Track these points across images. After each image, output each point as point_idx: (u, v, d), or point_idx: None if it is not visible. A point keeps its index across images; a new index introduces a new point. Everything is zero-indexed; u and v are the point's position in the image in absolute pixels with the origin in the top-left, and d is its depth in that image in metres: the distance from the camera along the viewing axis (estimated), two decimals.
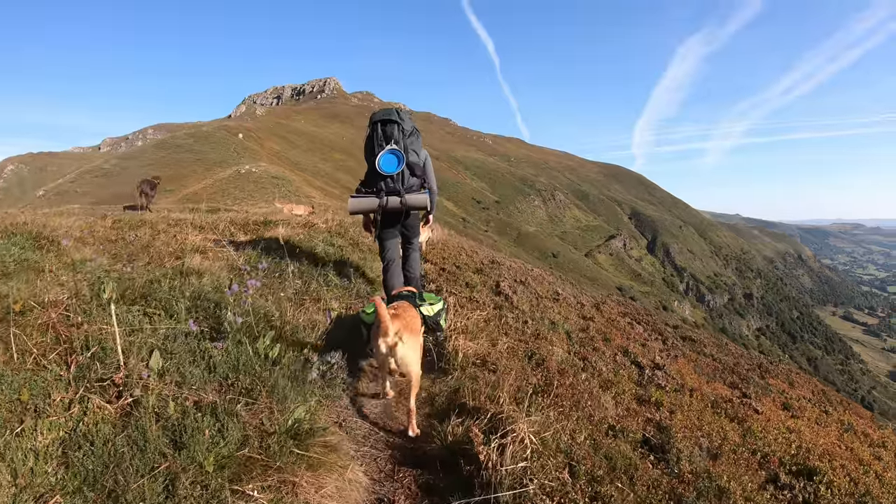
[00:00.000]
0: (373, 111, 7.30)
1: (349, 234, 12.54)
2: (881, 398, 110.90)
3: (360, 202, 7.07)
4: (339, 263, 8.90)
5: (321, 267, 8.15)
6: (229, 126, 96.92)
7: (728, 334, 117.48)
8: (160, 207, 19.10)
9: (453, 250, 14.14)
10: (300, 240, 10.10)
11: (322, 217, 15.57)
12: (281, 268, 7.65)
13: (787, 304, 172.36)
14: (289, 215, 17.52)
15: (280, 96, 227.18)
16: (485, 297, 9.22)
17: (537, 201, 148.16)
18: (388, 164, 6.93)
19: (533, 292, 11.42)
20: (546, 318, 9.19)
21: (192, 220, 11.85)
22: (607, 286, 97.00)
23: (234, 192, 42.97)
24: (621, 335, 10.58)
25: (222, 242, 9.12)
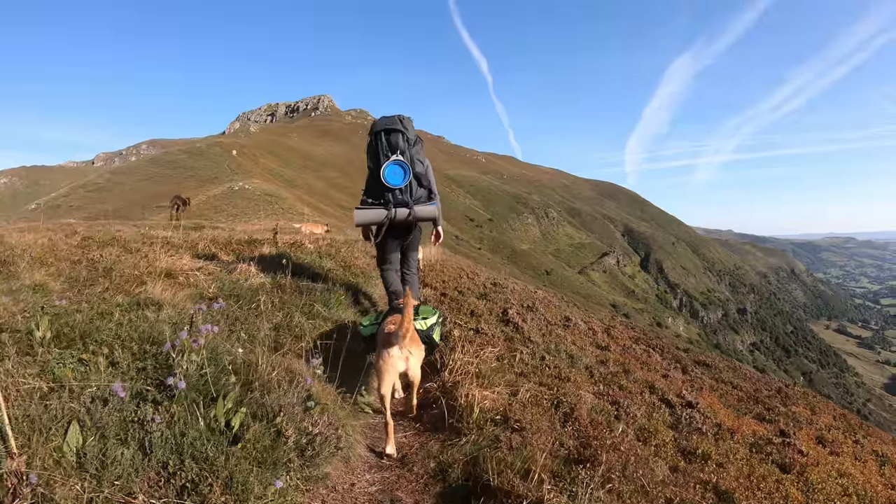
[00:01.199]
0: (374, 120, 7.02)
1: (340, 254, 11.60)
2: (876, 411, 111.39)
3: (367, 214, 6.81)
4: (328, 290, 7.93)
5: (306, 294, 7.26)
6: (223, 143, 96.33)
7: (722, 350, 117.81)
8: (147, 223, 18.22)
9: (453, 272, 13.23)
10: (285, 262, 9.02)
11: (311, 236, 14.57)
12: (259, 296, 6.68)
13: (780, 318, 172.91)
14: (306, 234, 16.95)
15: (274, 113, 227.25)
16: (493, 327, 8.25)
17: (530, 219, 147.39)
18: (393, 176, 6.73)
19: (542, 318, 10.49)
20: (562, 351, 8.20)
21: (170, 237, 10.92)
22: (601, 303, 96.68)
23: (226, 209, 42.84)
24: (640, 365, 9.67)
25: (198, 264, 8.27)
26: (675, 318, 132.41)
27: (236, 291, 6.74)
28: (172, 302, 5.81)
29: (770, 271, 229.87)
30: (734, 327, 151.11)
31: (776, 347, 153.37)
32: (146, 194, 61.64)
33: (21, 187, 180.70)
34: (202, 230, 15.83)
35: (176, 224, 18.41)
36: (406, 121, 6.92)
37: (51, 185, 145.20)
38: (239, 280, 7.43)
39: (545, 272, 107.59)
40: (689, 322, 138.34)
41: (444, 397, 5.32)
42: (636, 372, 8.61)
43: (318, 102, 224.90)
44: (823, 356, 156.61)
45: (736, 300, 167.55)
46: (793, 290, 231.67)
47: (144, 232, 11.84)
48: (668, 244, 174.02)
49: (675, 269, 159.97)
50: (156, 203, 55.13)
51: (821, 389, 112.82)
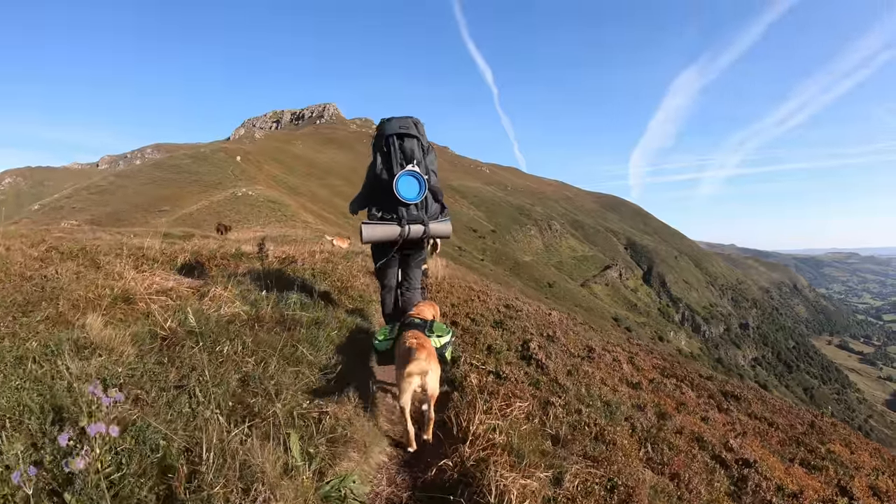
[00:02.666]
0: (383, 119, 6.26)
1: (336, 272, 10.47)
2: (878, 427, 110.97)
3: (376, 231, 6.10)
4: (317, 323, 6.74)
5: (289, 329, 6.05)
6: (228, 148, 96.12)
7: (724, 365, 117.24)
8: (132, 230, 17.12)
9: (462, 292, 12.23)
10: (270, 282, 7.82)
11: (303, 250, 13.36)
12: (228, 334, 5.46)
13: (782, 333, 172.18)
14: (332, 248, 16.03)
15: (279, 120, 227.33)
16: (516, 369, 7.00)
17: (533, 231, 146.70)
18: (407, 188, 6.03)
19: (564, 350, 9.43)
20: (596, 396, 6.99)
21: (148, 249, 9.56)
22: (603, 316, 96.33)
23: (229, 215, 42.63)
24: (675, 406, 8.67)
25: (169, 283, 6.94)
26: (677, 333, 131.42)
27: (201, 326, 5.38)
28: (111, 345, 4.50)
29: (772, 286, 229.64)
30: (736, 342, 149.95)
31: (778, 363, 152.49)
32: (149, 198, 61.81)
33: (25, 187, 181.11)
34: (191, 239, 14.71)
35: (164, 233, 17.30)
36: (420, 125, 6.21)
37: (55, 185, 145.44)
38: (209, 309, 6.14)
39: (548, 284, 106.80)
40: (691, 336, 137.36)
41: (466, 487, 3.85)
42: (675, 417, 7.61)
43: (324, 110, 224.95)
44: (825, 372, 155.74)
45: (738, 315, 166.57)
46: (795, 305, 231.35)
47: (126, 241, 10.50)
48: (670, 258, 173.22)
49: (678, 282, 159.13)
50: (158, 207, 54.85)
51: (822, 405, 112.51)
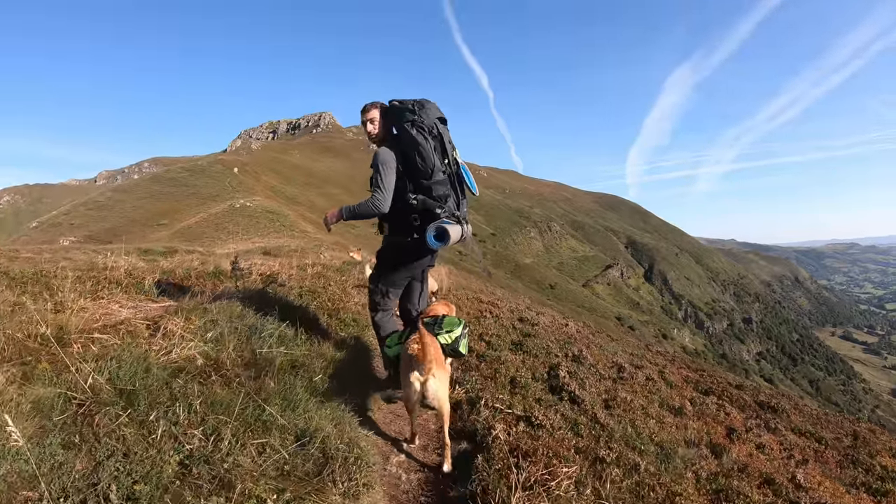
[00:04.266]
0: (409, 103, 5.33)
1: (328, 291, 9.29)
2: (885, 417, 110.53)
3: (454, 232, 5.15)
4: (297, 365, 5.55)
5: (257, 377, 4.81)
6: (225, 160, 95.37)
7: (728, 360, 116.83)
8: (116, 248, 16.30)
9: (470, 305, 11.32)
10: (245, 308, 6.51)
11: (293, 264, 12.30)
12: (173, 389, 4.17)
13: (786, 326, 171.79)
14: (328, 261, 14.78)
15: (275, 131, 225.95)
16: (550, 414, 5.56)
17: (533, 233, 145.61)
18: (472, 181, 5.64)
19: (594, 371, 8.44)
20: (647, 439, 5.94)
21: (112, 266, 8.44)
22: (606, 316, 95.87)
23: (227, 227, 42.35)
24: (726, 433, 7.73)
25: (123, 314, 5.76)
26: (681, 330, 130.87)
27: (136, 382, 4.08)
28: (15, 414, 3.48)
29: (774, 279, 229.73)
30: (740, 337, 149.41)
31: (782, 356, 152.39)
32: (147, 212, 61.61)
33: (24, 205, 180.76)
34: (174, 255, 13.76)
35: (145, 249, 16.38)
36: None
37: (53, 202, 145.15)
38: (158, 353, 4.80)
39: (549, 286, 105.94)
40: (695, 333, 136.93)
41: None
42: (731, 450, 6.67)
43: (320, 119, 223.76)
44: (830, 363, 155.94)
45: (741, 309, 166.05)
46: (797, 297, 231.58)
47: (99, 260, 9.37)
48: (671, 255, 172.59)
49: (680, 279, 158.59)
50: (157, 221, 54.53)
51: (829, 397, 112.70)
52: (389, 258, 5.67)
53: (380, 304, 5.84)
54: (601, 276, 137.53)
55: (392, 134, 5.41)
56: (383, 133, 5.47)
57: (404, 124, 5.20)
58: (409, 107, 5.22)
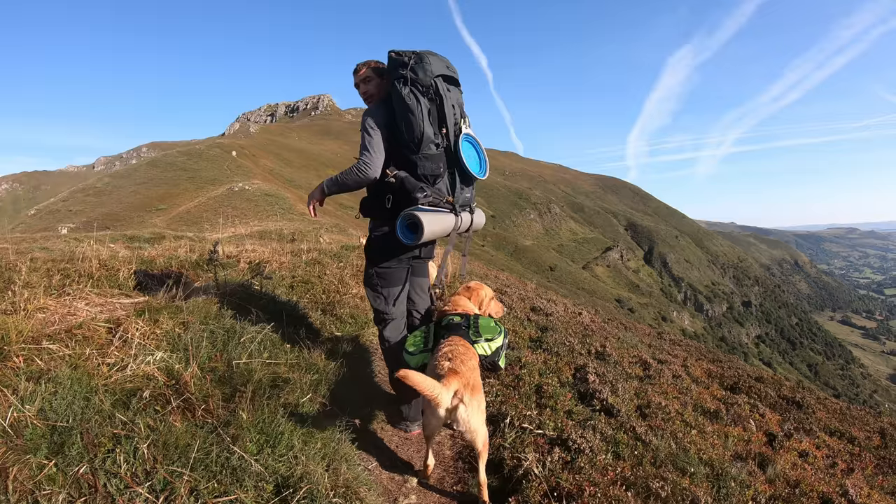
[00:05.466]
0: (407, 54, 4.24)
1: (322, 282, 8.42)
2: (883, 402, 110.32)
3: (435, 222, 4.20)
4: (280, 379, 4.54)
5: (231, 399, 3.90)
6: (223, 144, 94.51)
7: (728, 343, 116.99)
8: (82, 236, 15.25)
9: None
10: (224, 306, 5.62)
11: (286, 249, 11.37)
12: (115, 423, 3.24)
13: (785, 310, 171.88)
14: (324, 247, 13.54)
15: (274, 114, 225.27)
16: (587, 433, 4.70)
17: (533, 215, 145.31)
18: (472, 159, 4.49)
19: (620, 370, 7.70)
20: (695, 458, 5.10)
21: (83, 256, 7.08)
22: (606, 298, 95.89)
23: (226, 210, 41.94)
24: (766, 440, 7.11)
25: (85, 314, 4.80)
26: (680, 312, 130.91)
27: (73, 413, 3.18)
28: None
29: (773, 263, 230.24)
30: (739, 320, 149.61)
31: (781, 340, 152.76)
32: (145, 197, 60.91)
33: (22, 193, 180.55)
34: (161, 242, 12.85)
35: (130, 235, 15.70)
36: None
37: (52, 189, 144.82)
38: (110, 369, 3.89)
39: (549, 268, 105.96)
40: (695, 316, 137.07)
41: None
42: (776, 461, 5.99)
43: (318, 102, 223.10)
44: (829, 348, 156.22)
45: (740, 293, 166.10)
46: (797, 281, 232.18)
47: (77, 250, 8.28)
48: (671, 238, 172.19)
49: (679, 262, 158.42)
50: (155, 206, 54.01)
51: (827, 381, 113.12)
52: (374, 253, 4.70)
53: (386, 314, 4.79)
54: (601, 259, 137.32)
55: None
56: (382, 95, 4.50)
57: (395, 81, 4.19)
58: (404, 59, 4.20)
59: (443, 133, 4.29)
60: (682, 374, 9.39)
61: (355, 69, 4.62)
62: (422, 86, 4.13)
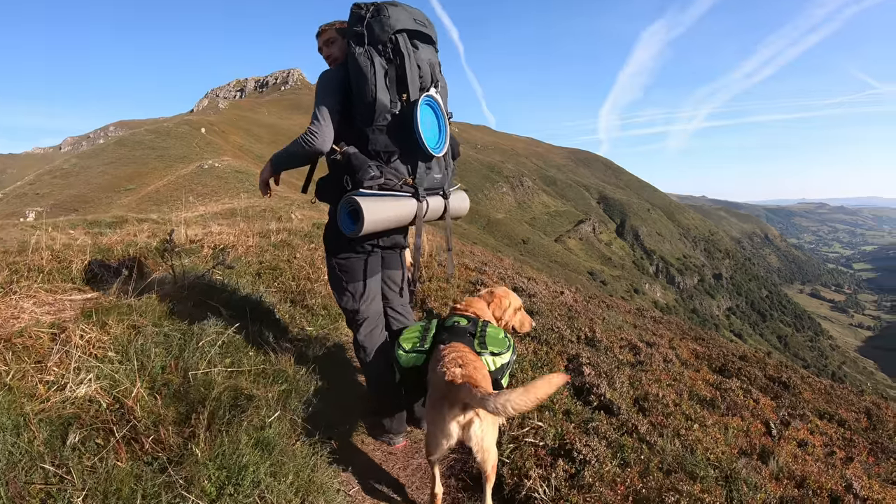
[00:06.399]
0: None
1: (293, 268, 7.86)
2: (851, 373, 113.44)
3: (383, 209, 3.57)
4: (241, 395, 3.87)
5: (195, 419, 3.31)
6: (192, 121, 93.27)
7: (699, 315, 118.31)
8: (73, 221, 14.29)
9: (458, 274, 10.38)
10: (182, 301, 5.05)
11: (253, 230, 10.57)
12: (69, 466, 2.72)
13: (755, 283, 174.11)
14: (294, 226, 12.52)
15: (243, 89, 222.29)
16: (590, 439, 4.07)
17: (505, 188, 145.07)
18: (430, 129, 3.67)
19: (611, 357, 7.49)
20: (702, 459, 4.70)
21: (35, 248, 6.50)
22: (578, 271, 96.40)
23: (196, 189, 41.45)
24: (765, 430, 6.90)
25: (23, 317, 4.23)
26: (652, 284, 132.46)
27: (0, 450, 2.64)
28: None
29: (744, 237, 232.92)
30: (710, 292, 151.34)
31: (752, 312, 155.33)
32: (114, 177, 60.18)
33: None
34: (123, 226, 12.18)
35: (91, 220, 14.79)
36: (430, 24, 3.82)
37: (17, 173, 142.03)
38: (46, 389, 3.25)
39: (522, 241, 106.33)
40: (666, 288, 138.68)
41: None
42: (778, 452, 5.68)
43: (288, 76, 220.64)
44: (798, 320, 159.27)
45: (711, 265, 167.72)
46: (767, 255, 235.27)
47: (30, 238, 7.48)
48: (643, 211, 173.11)
49: (651, 235, 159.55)
50: (124, 186, 53.34)
51: (796, 352, 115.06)
52: (333, 241, 4.06)
53: (356, 312, 4.14)
54: (573, 231, 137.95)
55: None
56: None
57: (349, 40, 3.58)
58: (361, 12, 3.56)
59: (403, 100, 3.61)
60: (672, 357, 9.21)
61: (318, 31, 4.03)
62: (378, 43, 3.50)
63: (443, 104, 3.84)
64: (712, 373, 9.59)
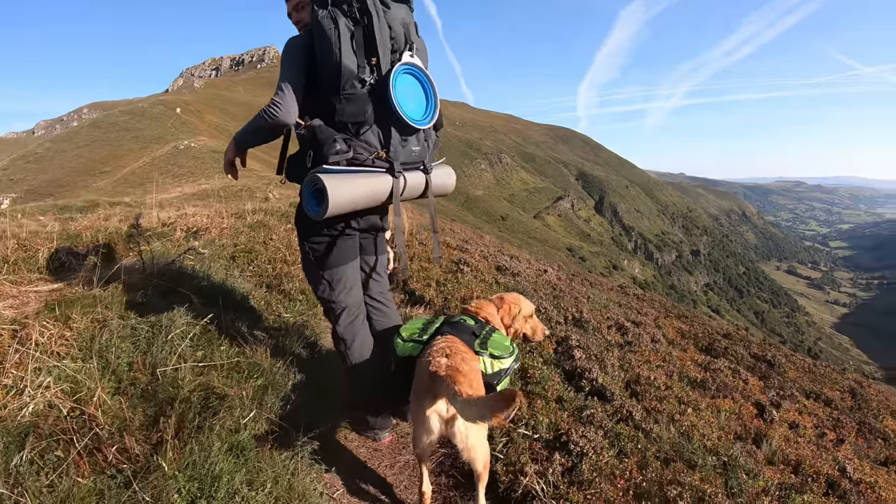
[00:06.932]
0: None
1: (269, 250, 7.57)
2: (827, 349, 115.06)
3: (350, 187, 3.17)
4: (212, 396, 3.56)
5: (163, 422, 3.05)
6: (167, 101, 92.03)
7: (677, 291, 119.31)
8: (44, 207, 13.88)
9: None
10: (152, 290, 4.71)
11: (228, 211, 10.21)
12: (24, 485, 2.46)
13: (733, 259, 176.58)
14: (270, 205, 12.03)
15: (219, 68, 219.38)
16: (587, 430, 3.82)
17: (484, 165, 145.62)
18: (406, 99, 3.29)
19: (600, 338, 7.33)
20: (700, 446, 4.41)
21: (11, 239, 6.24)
22: (557, 247, 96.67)
23: (172, 170, 41.04)
24: (756, 412, 6.83)
25: None
26: (631, 261, 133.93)
27: None
28: None
29: (722, 214, 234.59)
30: (688, 269, 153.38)
31: (729, 288, 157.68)
32: (89, 160, 59.50)
33: None
34: (95, 210, 11.82)
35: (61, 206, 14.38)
36: None
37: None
38: (6, 394, 2.98)
39: (500, 217, 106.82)
40: (644, 264, 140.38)
41: None
42: (771, 436, 5.67)
43: (264, 54, 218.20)
44: (775, 296, 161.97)
45: (689, 242, 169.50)
46: (744, 232, 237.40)
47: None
48: (621, 187, 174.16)
49: (630, 212, 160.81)
50: (99, 169, 52.73)
51: (773, 328, 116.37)
52: (304, 223, 3.74)
53: (333, 303, 3.77)
54: (552, 208, 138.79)
55: None
56: None
57: (314, 2, 3.21)
58: None
59: (372, 64, 3.25)
60: (659, 336, 9.08)
61: None
62: (344, 3, 3.17)
63: (423, 68, 3.46)
64: (699, 352, 9.51)
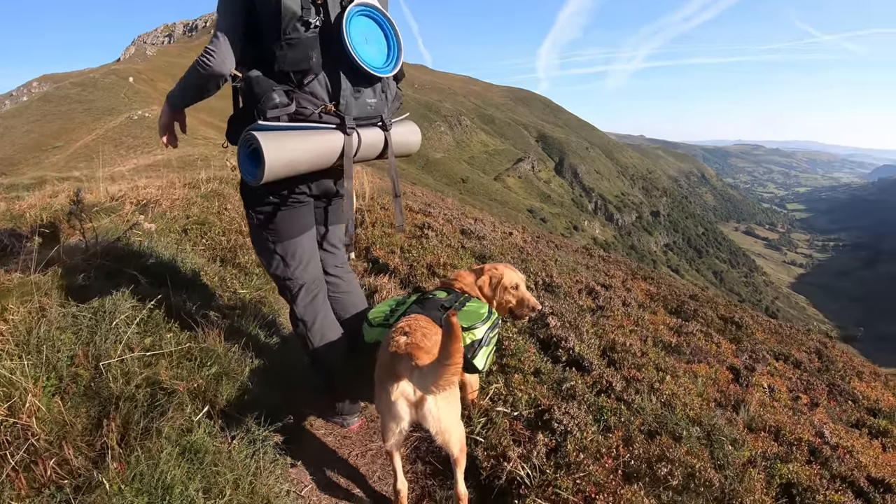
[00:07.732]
0: None
1: (223, 220, 7.20)
2: (784, 308, 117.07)
3: (291, 146, 2.74)
4: (159, 391, 3.21)
5: (109, 420, 2.71)
6: (119, 70, 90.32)
7: (637, 251, 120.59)
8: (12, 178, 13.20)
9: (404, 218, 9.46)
10: (99, 265, 4.41)
11: (181, 181, 9.58)
12: None
13: (692, 220, 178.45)
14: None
15: (171, 34, 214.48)
16: (571, 408, 3.58)
17: (443, 127, 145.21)
18: (363, 45, 2.90)
19: (572, 304, 7.10)
20: (682, 416, 4.20)
21: None
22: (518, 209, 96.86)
23: (127, 141, 40.12)
24: (733, 376, 6.79)
25: None
26: (591, 222, 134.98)
27: None
28: None
29: (681, 175, 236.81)
30: (648, 229, 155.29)
31: (688, 248, 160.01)
32: (40, 135, 58.48)
33: None
34: (43, 187, 11.22)
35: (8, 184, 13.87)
36: None
37: None
38: None
39: (461, 180, 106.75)
40: (605, 225, 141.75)
41: None
42: (749, 402, 5.62)
43: None
44: (733, 257, 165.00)
45: (649, 203, 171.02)
46: (703, 193, 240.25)
47: None
48: (581, 149, 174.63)
49: (590, 173, 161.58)
50: (51, 144, 51.79)
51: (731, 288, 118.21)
52: (249, 189, 3.32)
53: (289, 280, 3.39)
54: (512, 170, 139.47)
55: None
56: None
57: None
58: None
59: (318, 4, 2.79)
60: (630, 300, 9.00)
61: None
62: None
63: (383, 10, 3.05)
64: (669, 315, 9.49)
